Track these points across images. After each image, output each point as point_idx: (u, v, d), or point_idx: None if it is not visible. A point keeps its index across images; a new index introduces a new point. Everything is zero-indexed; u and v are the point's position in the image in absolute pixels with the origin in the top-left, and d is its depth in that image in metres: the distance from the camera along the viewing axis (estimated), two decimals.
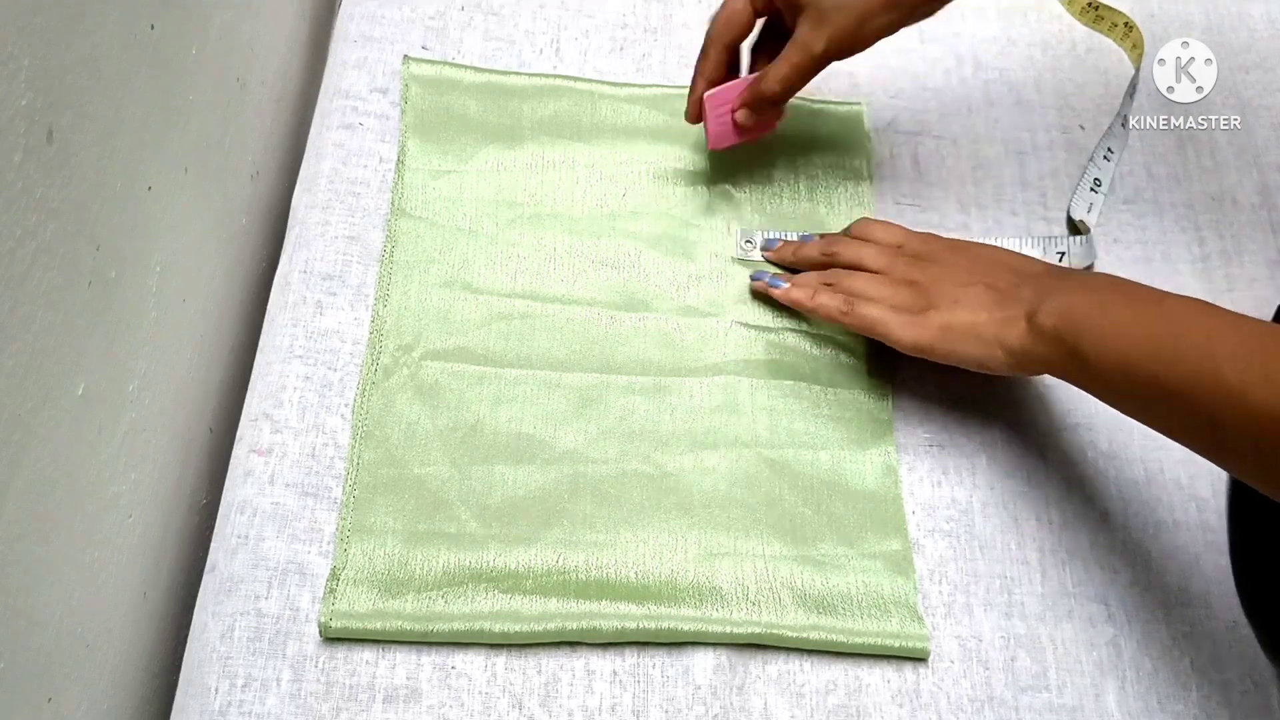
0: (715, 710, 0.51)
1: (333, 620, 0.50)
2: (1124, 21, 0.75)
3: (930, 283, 0.54)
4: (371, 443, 0.54)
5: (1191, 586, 0.57)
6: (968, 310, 0.51)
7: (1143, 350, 0.44)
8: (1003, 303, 0.50)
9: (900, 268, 0.55)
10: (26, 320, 0.36)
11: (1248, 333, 0.42)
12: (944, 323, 0.52)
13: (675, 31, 0.72)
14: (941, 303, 0.52)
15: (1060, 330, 0.46)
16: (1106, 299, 0.47)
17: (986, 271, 0.52)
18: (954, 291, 0.52)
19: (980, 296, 0.51)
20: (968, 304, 0.51)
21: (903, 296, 0.54)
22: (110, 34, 0.41)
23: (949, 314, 0.52)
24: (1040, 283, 0.49)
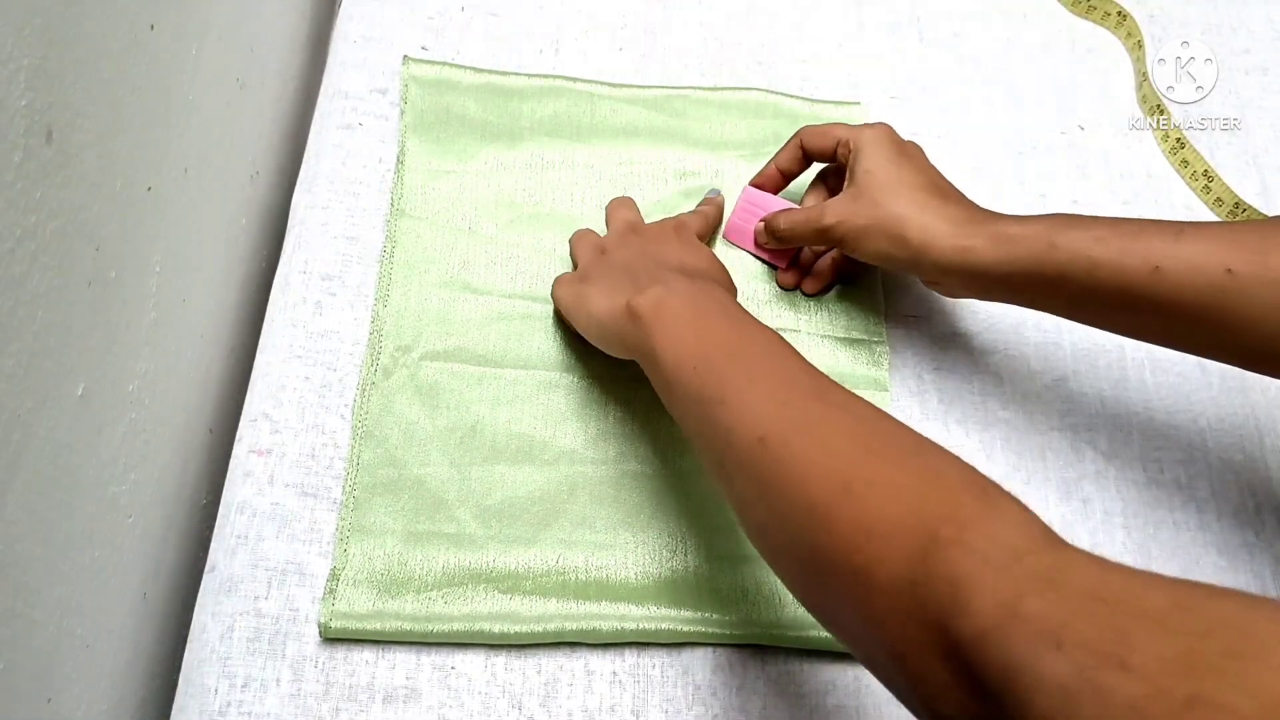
0: (715, 710, 0.51)
1: (332, 620, 0.50)
2: (1117, 11, 0.76)
3: (609, 254, 0.56)
4: (371, 443, 0.54)
5: None
6: (600, 287, 0.52)
7: (697, 357, 0.44)
8: (626, 285, 0.50)
9: (613, 238, 0.58)
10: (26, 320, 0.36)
11: (784, 389, 0.42)
12: (580, 291, 0.54)
13: (675, 32, 0.72)
14: (594, 275, 0.54)
15: (641, 313, 0.47)
16: (701, 304, 0.47)
17: (641, 257, 0.53)
18: (609, 268, 0.54)
19: (616, 278, 0.52)
20: (605, 282, 0.53)
21: (588, 259, 0.57)
22: (110, 34, 0.41)
23: (588, 287, 0.53)
24: (664, 276, 0.49)
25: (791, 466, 0.38)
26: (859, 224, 0.54)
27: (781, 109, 0.68)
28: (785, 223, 0.59)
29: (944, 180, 0.56)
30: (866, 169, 0.55)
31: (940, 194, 0.54)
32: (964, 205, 0.54)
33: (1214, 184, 0.69)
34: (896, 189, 0.54)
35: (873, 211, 0.54)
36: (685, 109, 0.67)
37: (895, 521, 0.35)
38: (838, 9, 0.75)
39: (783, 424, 0.40)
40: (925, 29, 0.75)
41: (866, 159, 0.55)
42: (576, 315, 0.54)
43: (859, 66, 0.72)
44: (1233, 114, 0.74)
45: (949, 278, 0.53)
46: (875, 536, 0.35)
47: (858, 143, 0.56)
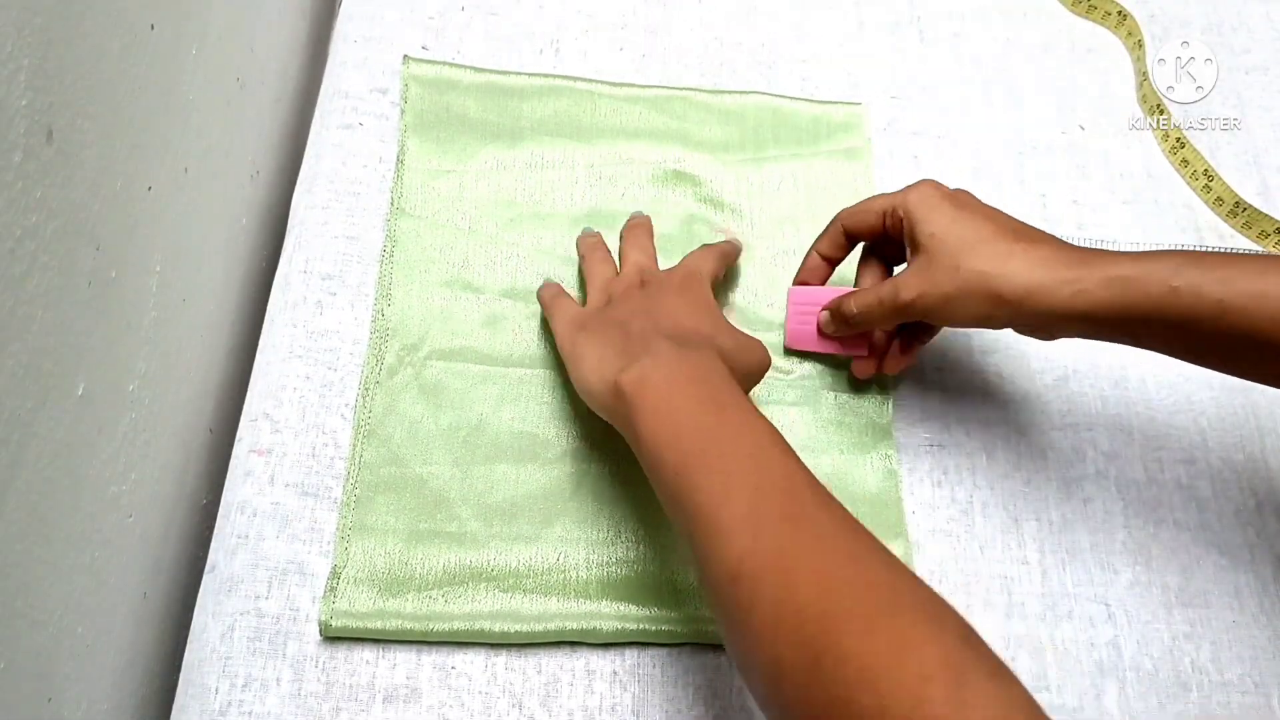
0: (715, 710, 0.51)
1: (333, 619, 0.49)
2: (1117, 10, 0.76)
3: (612, 306, 0.53)
4: (374, 441, 0.54)
5: (1191, 586, 0.57)
6: (594, 340, 0.50)
7: (676, 448, 0.42)
8: (617, 350, 0.48)
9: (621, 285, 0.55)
10: (26, 320, 0.36)
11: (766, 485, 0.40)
12: (577, 343, 0.51)
13: (675, 31, 0.72)
14: (593, 327, 0.51)
15: (626, 392, 0.45)
16: (682, 384, 0.45)
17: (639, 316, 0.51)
18: (607, 323, 0.51)
19: (611, 336, 0.50)
20: (599, 340, 0.50)
21: (594, 304, 0.55)
22: (110, 34, 0.41)
23: (585, 341, 0.51)
24: (652, 344, 0.47)
25: (763, 616, 0.36)
26: (942, 293, 0.50)
27: (782, 112, 0.68)
28: (856, 305, 0.54)
29: (1011, 219, 0.52)
30: (930, 233, 0.51)
31: (1017, 236, 0.50)
32: (1050, 244, 0.50)
33: (1214, 183, 0.69)
34: (971, 245, 0.50)
35: (953, 277, 0.50)
36: (686, 111, 0.67)
37: (866, 710, 0.32)
38: (838, 9, 0.75)
39: (756, 557, 0.38)
40: (925, 29, 0.75)
41: (925, 222, 0.51)
42: (569, 366, 0.52)
43: (859, 66, 0.72)
44: (1233, 114, 0.74)
45: (1056, 324, 0.49)
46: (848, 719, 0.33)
47: (906, 207, 0.52)
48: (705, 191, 0.65)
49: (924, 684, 0.32)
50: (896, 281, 0.52)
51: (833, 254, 0.58)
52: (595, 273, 0.57)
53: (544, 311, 0.57)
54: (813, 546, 0.38)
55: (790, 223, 0.65)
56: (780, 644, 0.35)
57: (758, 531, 0.38)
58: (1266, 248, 0.68)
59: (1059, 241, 0.50)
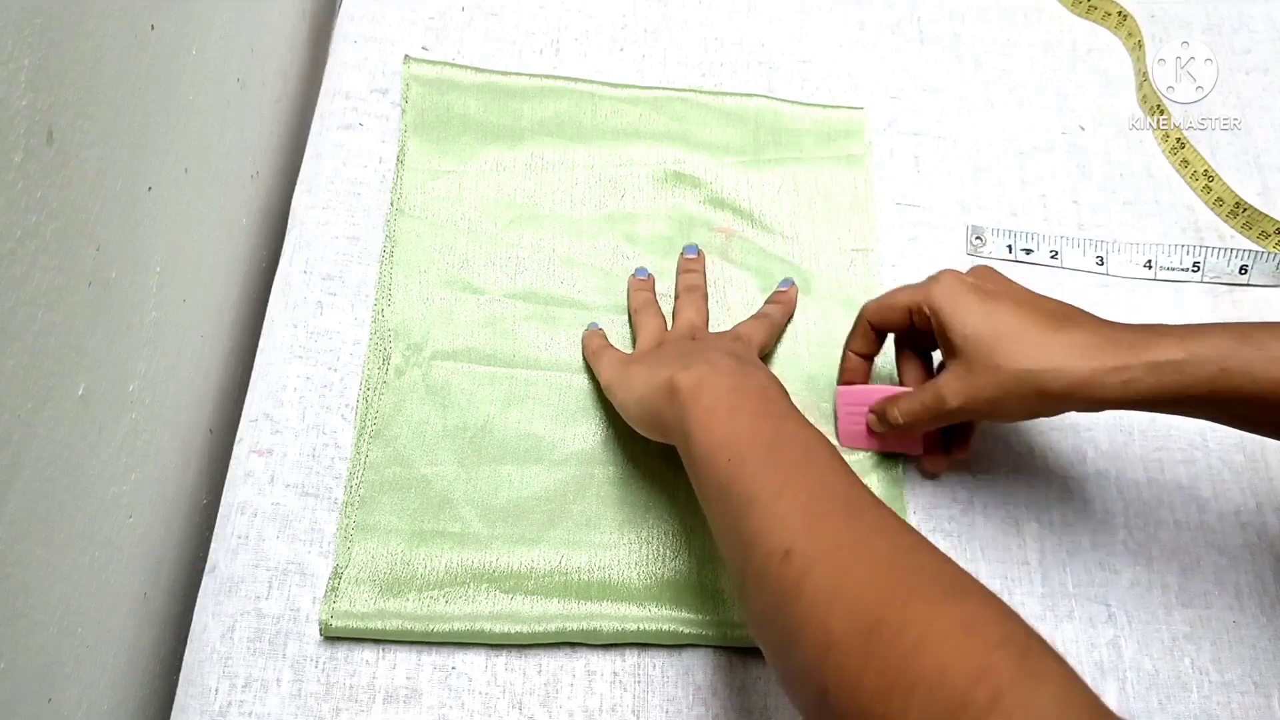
0: (715, 710, 0.51)
1: (333, 619, 0.49)
2: (1117, 10, 0.76)
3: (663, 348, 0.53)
4: (380, 441, 0.54)
5: (1191, 586, 0.57)
6: (648, 365, 0.50)
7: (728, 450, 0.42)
8: (670, 359, 0.49)
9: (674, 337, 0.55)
10: (27, 320, 0.36)
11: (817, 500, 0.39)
12: (625, 370, 0.51)
13: (675, 32, 0.72)
14: (642, 358, 0.52)
15: (680, 389, 0.45)
16: (742, 391, 0.45)
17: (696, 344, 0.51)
18: (661, 353, 0.51)
19: (665, 358, 0.50)
20: (653, 361, 0.50)
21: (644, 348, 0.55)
22: (110, 34, 0.41)
23: (637, 365, 0.51)
24: (710, 356, 0.47)
25: (815, 590, 0.36)
26: (987, 397, 0.49)
27: (782, 115, 0.68)
28: (901, 413, 0.53)
29: (1043, 300, 0.50)
30: (963, 335, 0.49)
31: (1052, 323, 0.48)
32: (1087, 326, 0.48)
33: (1214, 184, 0.69)
34: (1008, 342, 0.48)
35: (995, 378, 0.48)
36: (686, 112, 0.67)
37: (924, 676, 0.31)
38: (838, 9, 0.75)
39: (812, 541, 0.37)
40: (926, 29, 0.75)
41: (956, 321, 0.50)
42: (617, 391, 0.52)
43: (859, 66, 0.72)
44: (1233, 114, 0.74)
45: (1108, 407, 0.48)
46: (899, 689, 0.32)
47: (934, 305, 0.51)
48: (705, 193, 0.65)
49: (989, 652, 0.32)
50: (939, 386, 0.51)
51: (866, 350, 0.57)
52: (647, 325, 0.58)
53: (587, 358, 0.57)
54: (874, 539, 0.37)
55: (789, 224, 0.65)
56: (833, 616, 0.35)
57: (814, 523, 0.38)
58: (1267, 248, 0.68)
59: (1095, 321, 0.49)
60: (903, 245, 0.66)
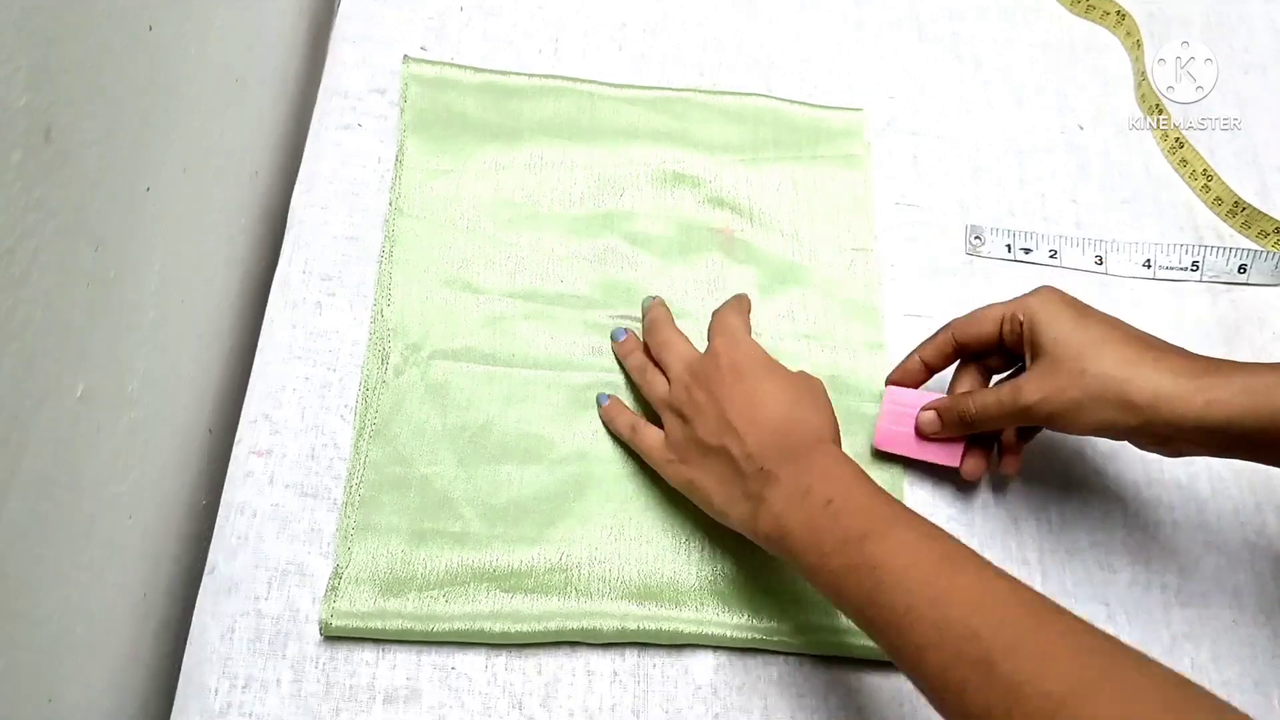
0: (715, 710, 0.51)
1: (333, 619, 0.49)
2: (1116, 10, 0.76)
3: (693, 425, 0.51)
4: (380, 441, 0.54)
5: (1190, 586, 0.57)
6: (705, 477, 0.50)
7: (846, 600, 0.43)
8: (734, 481, 0.49)
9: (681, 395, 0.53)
10: (26, 320, 0.36)
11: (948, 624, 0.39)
12: (689, 479, 0.51)
13: (674, 32, 0.72)
14: (692, 458, 0.51)
15: (773, 539, 0.46)
16: (814, 523, 0.45)
17: (732, 437, 0.49)
18: (701, 450, 0.51)
19: (716, 468, 0.50)
20: (707, 470, 0.50)
21: (673, 429, 0.53)
22: (109, 34, 0.41)
23: (693, 473, 0.51)
24: (768, 475, 0.47)
25: (1015, 713, 0.36)
26: (1069, 398, 0.49)
27: (781, 115, 0.68)
28: (975, 406, 0.53)
29: (1136, 329, 0.50)
30: (1054, 338, 0.50)
31: (1147, 345, 0.49)
32: (1182, 355, 0.49)
33: (1213, 183, 0.69)
34: (1099, 350, 0.48)
35: (1081, 381, 0.48)
36: (686, 111, 0.67)
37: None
38: (837, 9, 0.75)
39: (973, 667, 0.37)
40: (925, 28, 0.75)
41: (1049, 327, 0.50)
42: (698, 502, 0.52)
43: (858, 66, 0.72)
44: (1232, 113, 0.74)
45: (1185, 435, 0.48)
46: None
47: (1028, 312, 0.51)
48: (705, 192, 0.65)
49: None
50: (1018, 384, 0.51)
51: (936, 362, 0.56)
52: (652, 387, 0.55)
53: (620, 437, 0.56)
54: (1016, 696, 0.36)
55: (789, 224, 0.65)
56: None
57: (964, 690, 0.38)
58: (1266, 247, 0.68)
59: (1187, 352, 0.49)
60: (902, 245, 0.66)
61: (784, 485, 0.46)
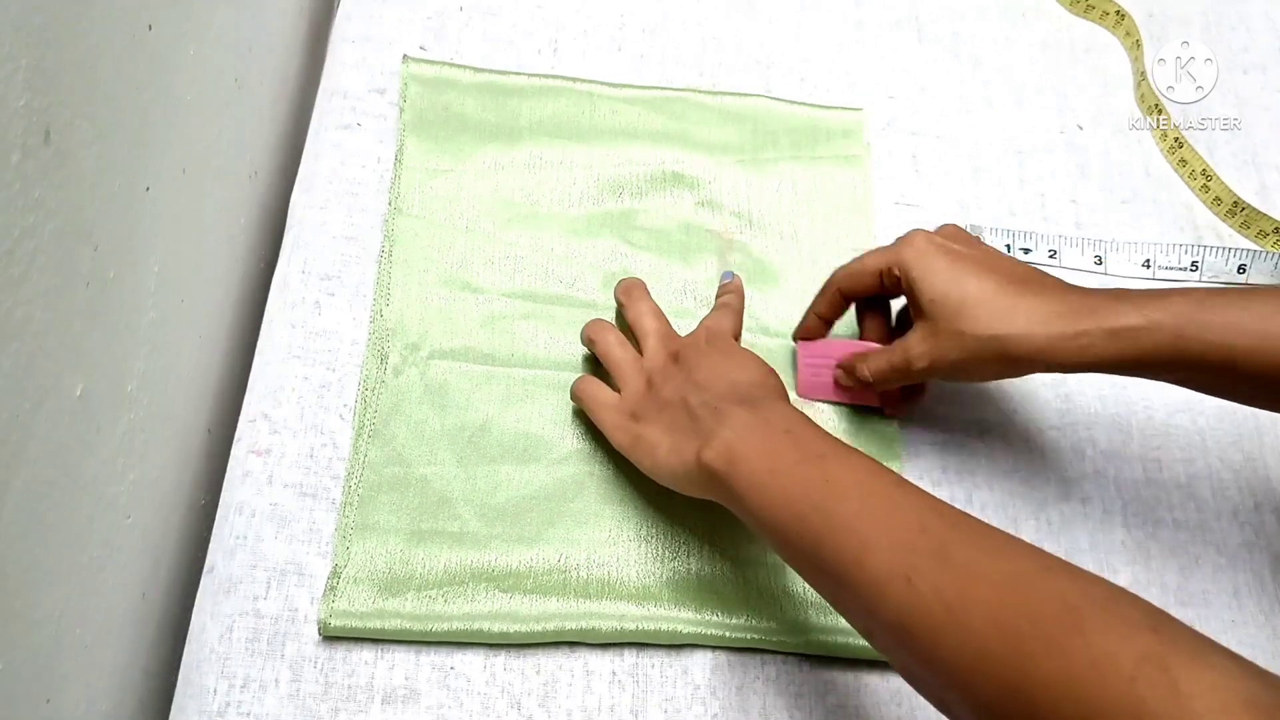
0: (714, 710, 0.51)
1: (332, 618, 0.49)
2: (1115, 10, 0.76)
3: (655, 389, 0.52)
4: (379, 441, 0.54)
5: (1190, 586, 0.57)
6: (654, 429, 0.50)
7: (792, 513, 0.42)
8: (686, 429, 0.48)
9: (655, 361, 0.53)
10: (24, 321, 0.36)
11: (900, 524, 0.40)
12: (637, 434, 0.51)
13: (674, 32, 0.72)
14: (646, 414, 0.51)
15: (716, 469, 0.45)
16: (771, 445, 0.44)
17: (694, 389, 0.49)
18: (658, 405, 0.51)
19: (668, 418, 0.49)
20: (660, 424, 0.50)
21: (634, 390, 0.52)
22: (108, 34, 0.41)
23: (644, 428, 0.50)
24: (723, 413, 0.47)
25: (946, 665, 0.36)
26: (952, 360, 0.51)
27: (781, 115, 0.68)
28: (869, 371, 0.55)
29: (1008, 261, 0.52)
30: (930, 298, 0.51)
31: (1016, 285, 0.50)
32: (1052, 291, 0.50)
33: (1212, 183, 0.69)
34: (974, 306, 0.50)
35: (960, 341, 0.50)
36: (685, 111, 0.67)
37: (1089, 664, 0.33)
38: (836, 8, 0.75)
39: (920, 610, 0.37)
40: (924, 28, 0.75)
41: (923, 284, 0.51)
42: (639, 458, 0.51)
43: (858, 66, 0.72)
44: (1232, 113, 0.74)
45: (1067, 371, 0.50)
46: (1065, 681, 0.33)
47: (903, 266, 0.52)
48: (704, 192, 0.65)
49: (1131, 686, 0.32)
50: (907, 347, 0.52)
51: (830, 314, 0.58)
52: (616, 359, 0.55)
53: (580, 406, 0.56)
54: (970, 579, 0.37)
55: (789, 224, 0.65)
56: (974, 685, 0.36)
57: (910, 578, 0.38)
58: (1265, 247, 0.68)
59: (1059, 286, 0.50)
60: None
61: (740, 418, 0.46)
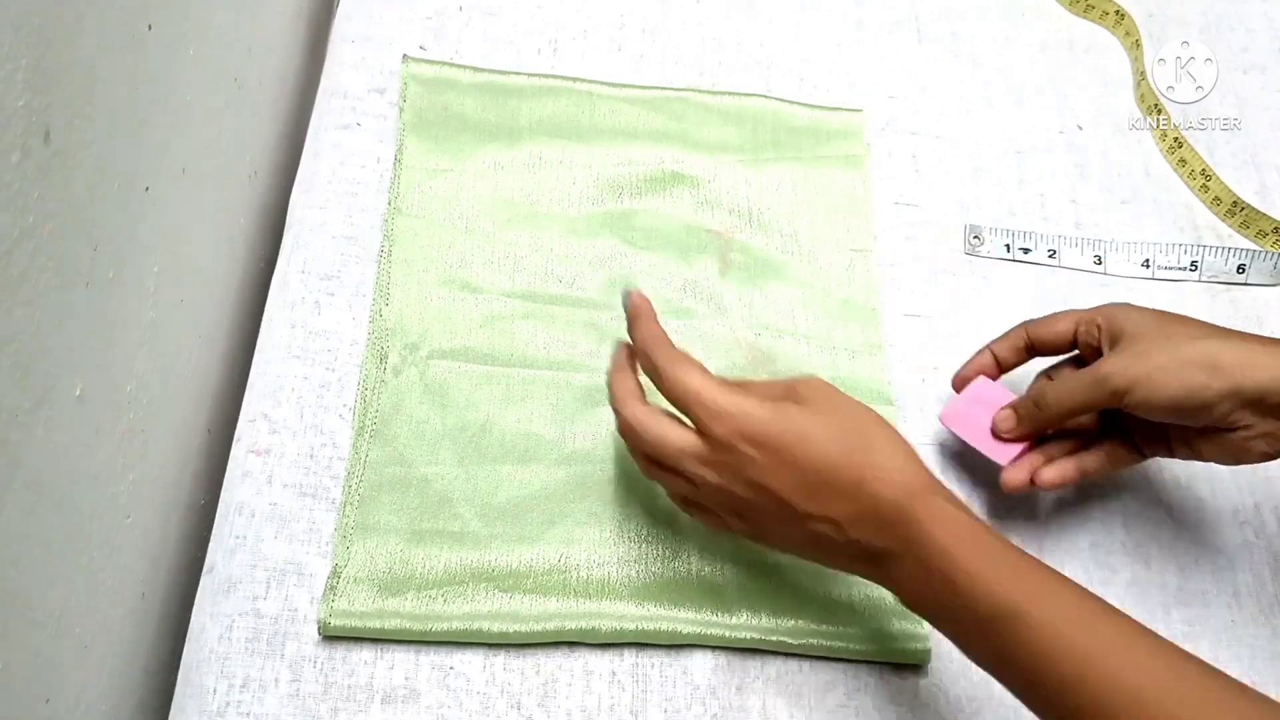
0: (714, 710, 0.51)
1: (332, 618, 0.49)
2: (1115, 10, 0.76)
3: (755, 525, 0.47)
4: (379, 441, 0.54)
5: (1190, 586, 0.57)
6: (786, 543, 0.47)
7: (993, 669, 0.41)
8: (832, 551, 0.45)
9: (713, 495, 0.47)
10: (24, 321, 0.36)
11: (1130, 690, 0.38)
12: (793, 553, 0.48)
13: (673, 32, 0.72)
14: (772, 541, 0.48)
15: (912, 606, 0.44)
16: (932, 599, 0.43)
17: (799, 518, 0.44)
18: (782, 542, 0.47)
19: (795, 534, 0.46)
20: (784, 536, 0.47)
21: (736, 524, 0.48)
22: (108, 34, 0.41)
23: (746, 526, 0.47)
24: (867, 554, 0.44)
25: None
26: (1154, 363, 0.47)
27: (781, 115, 0.68)
28: (1054, 395, 0.51)
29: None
30: (1136, 323, 0.50)
31: (1226, 330, 0.49)
32: (1262, 338, 0.48)
33: (1212, 183, 0.69)
34: (1182, 328, 0.49)
35: (1166, 346, 0.48)
36: (685, 111, 0.67)
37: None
38: (836, 8, 0.75)
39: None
40: (924, 28, 0.75)
41: (1129, 320, 0.50)
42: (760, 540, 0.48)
43: (858, 66, 0.72)
44: (1231, 113, 0.74)
45: (1267, 403, 0.46)
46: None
47: (1106, 312, 0.52)
48: (704, 192, 0.65)
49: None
50: (1100, 371, 0.50)
51: (1009, 357, 0.55)
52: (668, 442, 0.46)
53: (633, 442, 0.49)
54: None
55: (788, 224, 0.65)
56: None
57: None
58: (1265, 246, 0.68)
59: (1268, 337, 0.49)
60: (900, 244, 0.66)
61: (897, 566, 0.43)
